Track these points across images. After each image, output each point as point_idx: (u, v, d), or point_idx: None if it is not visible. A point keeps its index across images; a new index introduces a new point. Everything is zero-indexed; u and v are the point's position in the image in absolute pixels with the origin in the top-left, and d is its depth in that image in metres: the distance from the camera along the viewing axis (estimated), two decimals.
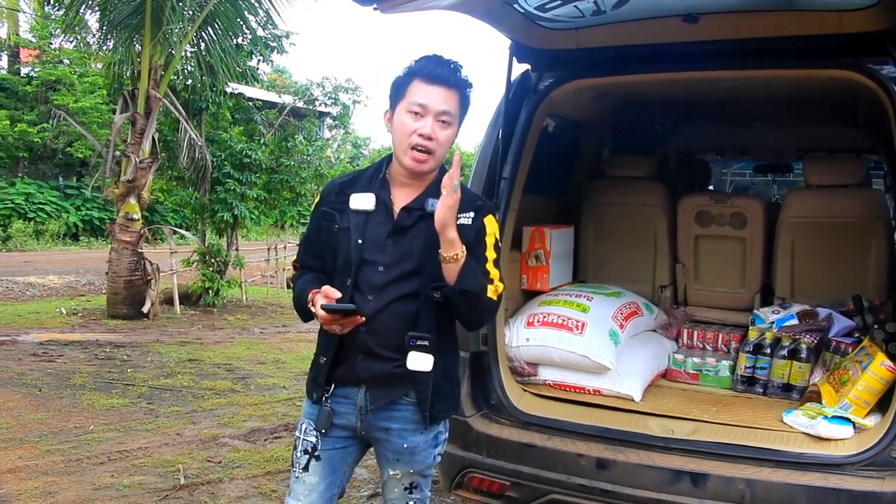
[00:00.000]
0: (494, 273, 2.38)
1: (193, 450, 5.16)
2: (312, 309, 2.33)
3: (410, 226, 2.37)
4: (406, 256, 2.35)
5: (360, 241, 2.36)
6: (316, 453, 2.47)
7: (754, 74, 3.43)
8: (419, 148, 2.31)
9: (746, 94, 4.08)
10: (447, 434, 2.58)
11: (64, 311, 10.90)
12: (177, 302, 11.43)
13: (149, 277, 10.65)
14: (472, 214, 2.37)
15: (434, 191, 2.33)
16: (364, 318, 2.27)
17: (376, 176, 2.45)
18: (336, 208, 2.42)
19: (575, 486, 3.06)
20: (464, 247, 2.25)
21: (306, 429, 2.49)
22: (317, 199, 2.56)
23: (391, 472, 2.50)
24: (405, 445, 2.44)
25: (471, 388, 3.40)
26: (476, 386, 3.43)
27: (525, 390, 3.59)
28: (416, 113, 2.32)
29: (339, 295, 2.26)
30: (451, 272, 2.25)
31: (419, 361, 2.31)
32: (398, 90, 2.39)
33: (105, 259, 11.10)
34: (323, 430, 2.44)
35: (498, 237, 2.46)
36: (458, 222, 2.29)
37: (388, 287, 2.33)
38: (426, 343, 2.31)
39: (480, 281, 2.31)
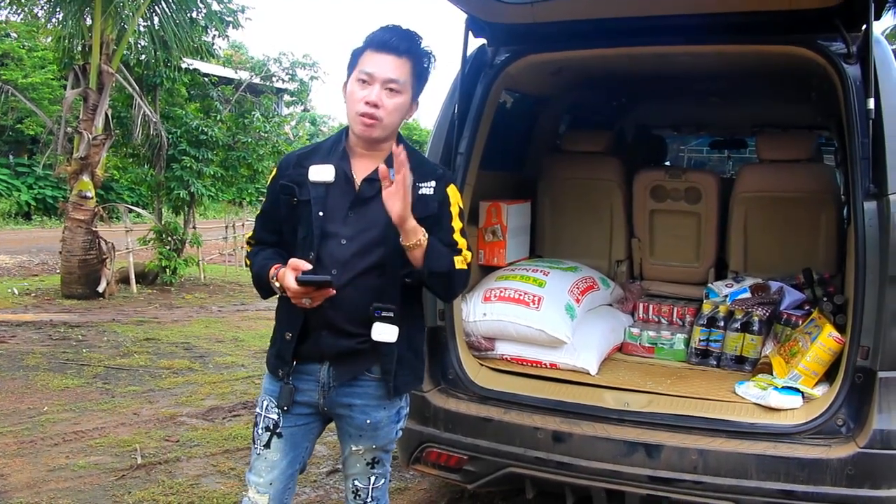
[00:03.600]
0: (462, 242, 2.39)
1: (151, 429, 5.11)
2: (276, 284, 2.30)
3: (372, 196, 2.33)
4: (368, 228, 2.33)
5: (321, 214, 2.32)
6: (278, 430, 2.45)
7: (708, 49, 3.45)
8: (366, 115, 2.29)
9: (701, 70, 4.11)
10: (408, 409, 2.58)
11: (16, 292, 10.68)
12: (133, 281, 11.26)
13: (104, 256, 10.47)
14: (433, 184, 2.36)
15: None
16: (335, 291, 2.24)
17: (335, 147, 2.42)
18: (295, 181, 2.38)
19: (532, 458, 3.10)
20: (424, 231, 2.24)
21: (267, 406, 2.46)
22: (273, 173, 2.51)
23: (353, 448, 2.49)
24: (368, 421, 2.43)
25: (428, 364, 3.41)
26: (433, 361, 3.44)
27: (482, 365, 3.61)
28: (364, 81, 2.30)
29: (309, 267, 2.23)
30: (416, 257, 2.25)
31: (384, 332, 2.30)
32: (353, 60, 2.37)
33: (59, 238, 10.88)
34: (285, 408, 2.42)
35: (462, 206, 2.46)
36: (420, 192, 2.30)
37: (351, 261, 2.31)
38: (391, 314, 2.29)
39: (447, 259, 2.31)
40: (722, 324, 3.83)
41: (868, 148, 2.87)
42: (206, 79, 13.35)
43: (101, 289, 10.32)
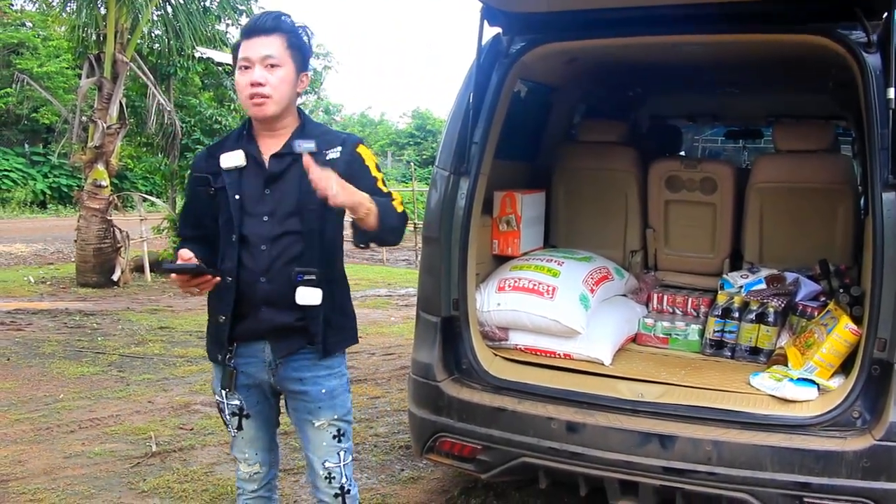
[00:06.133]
0: (387, 188, 2.48)
1: (165, 417, 5.14)
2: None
3: (283, 171, 2.42)
4: (285, 201, 2.40)
5: (237, 197, 2.41)
6: (244, 413, 2.56)
7: (724, 39, 3.42)
8: (254, 95, 2.37)
9: (717, 59, 4.07)
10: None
11: (32, 280, 10.76)
12: (147, 270, 11.32)
13: (118, 245, 10.54)
14: (339, 148, 2.44)
15: (299, 135, 2.43)
16: (219, 277, 2.34)
17: (242, 134, 2.51)
18: (209, 172, 2.47)
19: (545, 448, 3.10)
20: (368, 197, 2.27)
21: (226, 393, 2.54)
22: (189, 173, 2.61)
23: (316, 424, 2.53)
24: (323, 391, 2.49)
25: (442, 353, 3.42)
26: (447, 350, 3.45)
27: (496, 355, 3.61)
28: (246, 67, 2.39)
29: (190, 255, 2.28)
30: (370, 223, 2.29)
31: (308, 296, 2.36)
32: (234, 55, 2.47)
33: (74, 227, 10.94)
34: (227, 389, 2.51)
35: (377, 162, 2.54)
36: (327, 157, 2.38)
37: (276, 235, 2.39)
38: (313, 277, 2.36)
39: (393, 210, 2.39)
40: (737, 315, 3.81)
41: (887, 138, 2.84)
42: (219, 68, 13.39)
43: (115, 277, 10.39)
